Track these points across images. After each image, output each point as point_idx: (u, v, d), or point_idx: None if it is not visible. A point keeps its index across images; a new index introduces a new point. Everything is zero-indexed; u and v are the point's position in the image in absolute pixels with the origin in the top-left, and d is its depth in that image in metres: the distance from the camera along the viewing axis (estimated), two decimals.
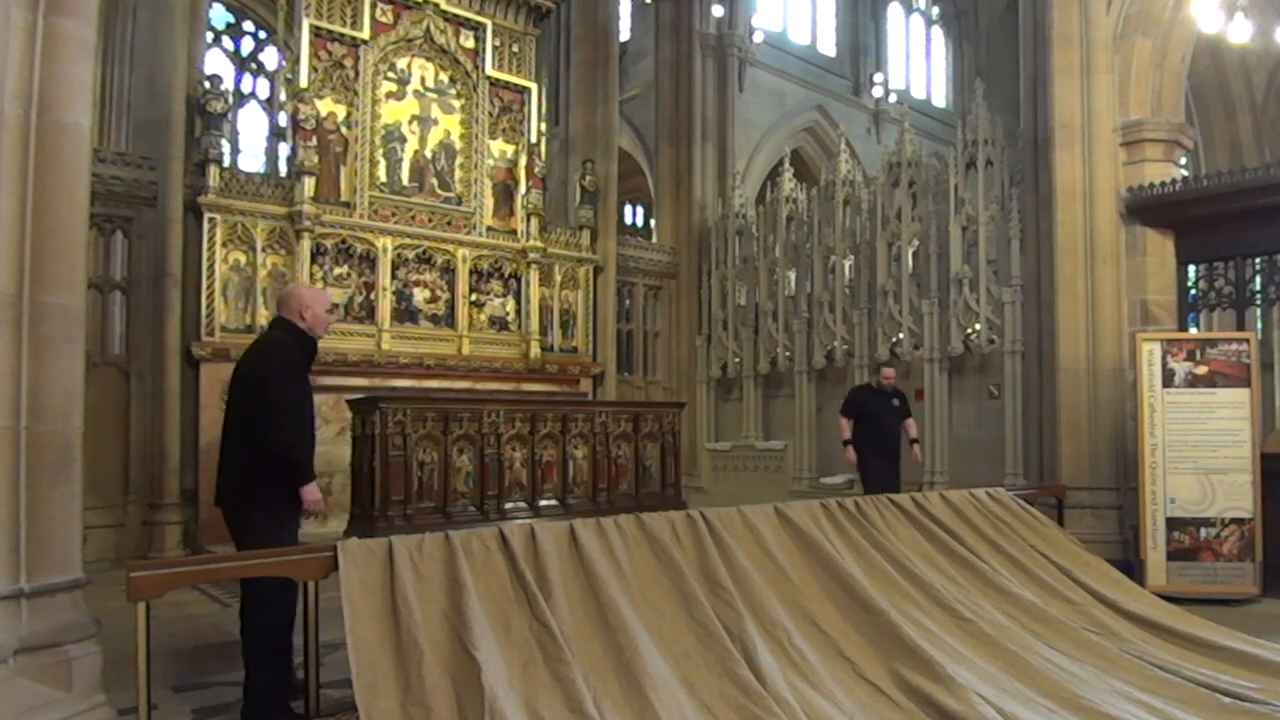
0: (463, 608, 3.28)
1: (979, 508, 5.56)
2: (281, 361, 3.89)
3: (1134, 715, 3.71)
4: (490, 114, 9.26)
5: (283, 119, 8.37)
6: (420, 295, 8.77)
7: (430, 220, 8.82)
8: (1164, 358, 7.05)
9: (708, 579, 3.90)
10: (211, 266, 7.62)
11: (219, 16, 15.15)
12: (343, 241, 8.32)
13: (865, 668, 3.84)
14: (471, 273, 9.04)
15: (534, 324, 9.36)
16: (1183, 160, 8.92)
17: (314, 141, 8.12)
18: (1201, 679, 4.16)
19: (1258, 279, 7.49)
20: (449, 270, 8.92)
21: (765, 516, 4.46)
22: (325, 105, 8.26)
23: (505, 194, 9.33)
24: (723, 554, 4.05)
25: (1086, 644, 4.44)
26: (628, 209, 19.50)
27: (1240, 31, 7.95)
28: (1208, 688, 4.03)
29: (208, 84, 7.76)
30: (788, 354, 10.60)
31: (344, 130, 8.36)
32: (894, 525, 4.98)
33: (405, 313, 8.67)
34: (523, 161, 9.37)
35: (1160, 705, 3.84)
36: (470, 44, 9.14)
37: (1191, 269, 7.86)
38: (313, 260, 8.08)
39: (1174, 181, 7.67)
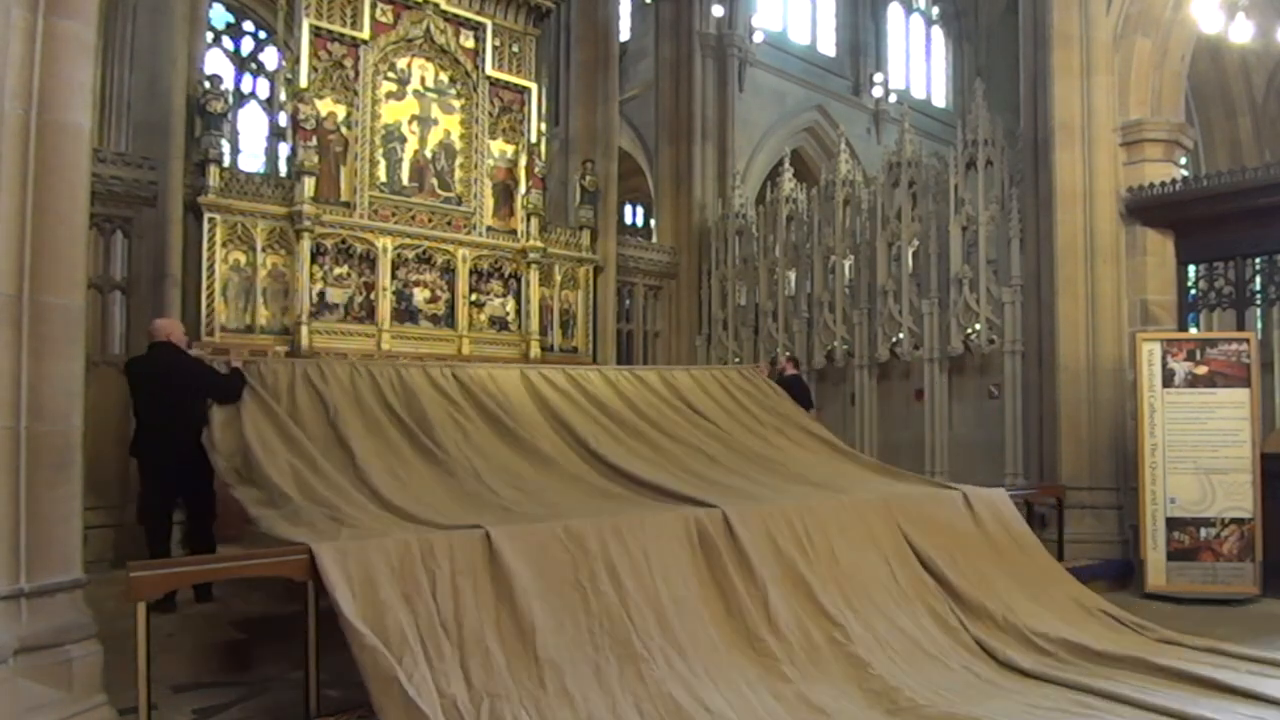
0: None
1: (723, 384, 7.40)
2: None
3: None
4: (490, 114, 9.26)
5: (283, 119, 8.37)
6: (420, 295, 8.76)
7: (430, 220, 8.82)
8: (1164, 358, 7.06)
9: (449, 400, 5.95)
10: (211, 266, 7.61)
11: (219, 16, 15.16)
12: (343, 241, 8.32)
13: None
14: (471, 273, 9.04)
15: (534, 324, 9.35)
16: (1183, 160, 8.92)
17: (314, 141, 8.11)
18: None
19: (1258, 279, 7.49)
20: (449, 270, 8.91)
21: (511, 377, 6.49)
22: (325, 105, 8.26)
23: (505, 194, 9.32)
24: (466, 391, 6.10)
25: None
26: (628, 209, 19.50)
27: (1241, 31, 7.95)
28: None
29: (208, 84, 7.76)
30: (788, 354, 10.59)
31: (344, 130, 8.36)
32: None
33: (405, 313, 8.66)
34: (523, 161, 9.36)
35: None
36: (470, 44, 9.14)
37: (1191, 269, 7.86)
38: (313, 260, 8.08)
39: (1174, 181, 7.67)
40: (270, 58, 15.40)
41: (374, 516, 4.49)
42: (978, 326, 8.74)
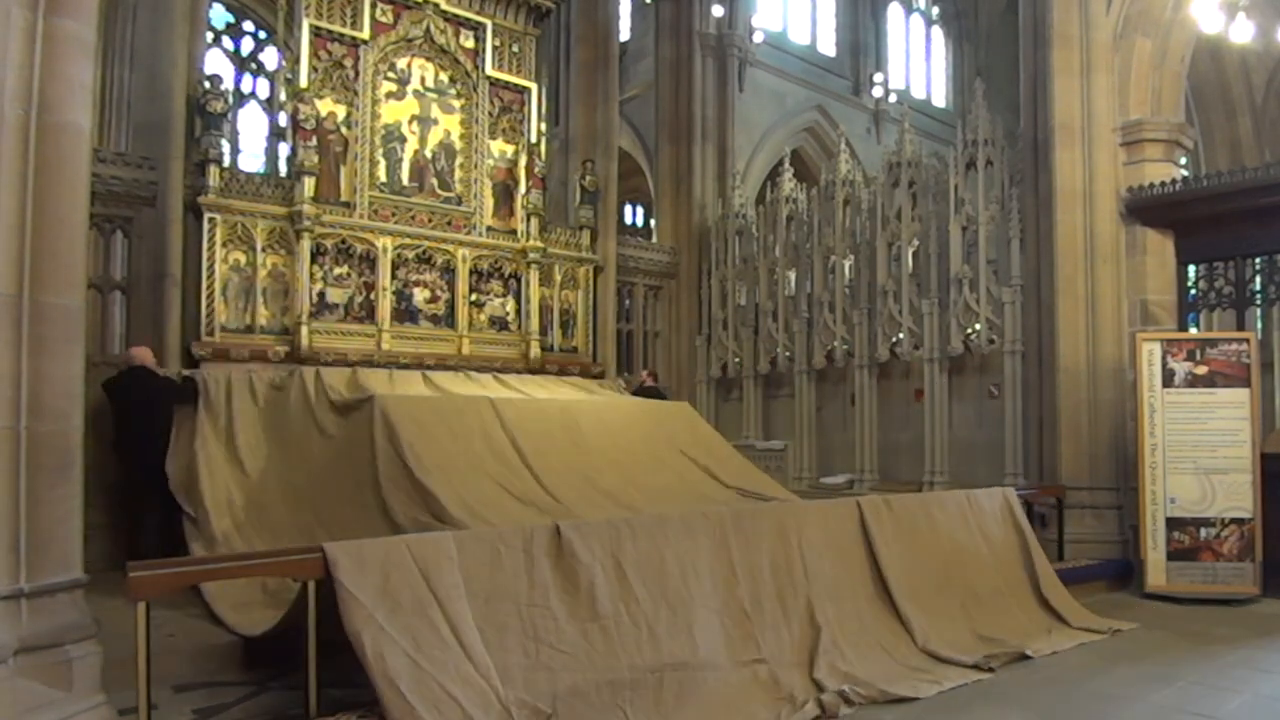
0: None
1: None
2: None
3: None
4: (490, 114, 9.25)
5: (283, 119, 8.36)
6: (420, 295, 8.76)
7: (430, 220, 8.81)
8: (1164, 358, 7.06)
9: None
10: (211, 266, 7.61)
11: (219, 16, 15.17)
12: (343, 241, 8.31)
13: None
14: (471, 273, 9.04)
15: (534, 324, 9.35)
16: (1183, 160, 8.92)
17: (314, 141, 8.11)
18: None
19: (1258, 279, 7.49)
20: (449, 270, 8.91)
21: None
22: (325, 105, 8.26)
23: (505, 194, 9.32)
24: None
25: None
26: (628, 209, 19.51)
27: (1241, 32, 7.95)
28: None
29: (208, 84, 7.75)
30: (788, 354, 10.60)
31: (344, 130, 8.35)
32: None
33: (405, 313, 8.66)
34: (523, 161, 9.36)
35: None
36: (470, 44, 9.14)
37: (1191, 269, 7.86)
38: (313, 260, 8.08)
39: (1174, 181, 7.67)
40: (270, 58, 15.41)
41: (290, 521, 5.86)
42: (978, 326, 8.74)
